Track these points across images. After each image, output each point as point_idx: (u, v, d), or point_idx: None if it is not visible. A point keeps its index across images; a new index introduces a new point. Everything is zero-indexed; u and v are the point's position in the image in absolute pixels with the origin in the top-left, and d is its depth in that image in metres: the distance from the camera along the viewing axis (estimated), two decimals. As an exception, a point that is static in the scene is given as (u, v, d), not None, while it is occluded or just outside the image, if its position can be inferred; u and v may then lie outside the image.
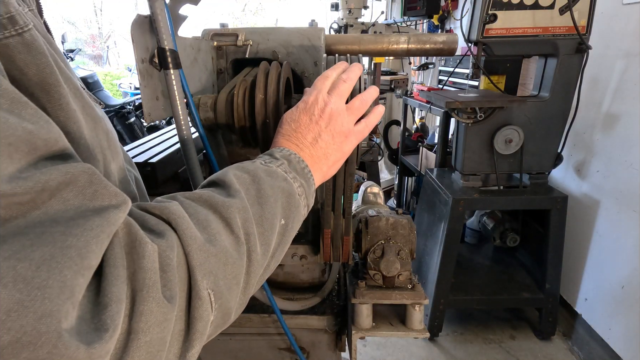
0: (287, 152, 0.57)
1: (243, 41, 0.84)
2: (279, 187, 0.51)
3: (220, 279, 0.40)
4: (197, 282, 0.37)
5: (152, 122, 0.65)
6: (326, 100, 0.61)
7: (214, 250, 0.40)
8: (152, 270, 0.34)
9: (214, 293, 0.39)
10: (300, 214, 0.55)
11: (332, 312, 1.01)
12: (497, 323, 2.49)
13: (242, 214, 0.44)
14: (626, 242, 2.01)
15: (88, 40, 17.14)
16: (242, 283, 0.44)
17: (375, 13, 4.07)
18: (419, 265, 2.47)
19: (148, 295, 0.33)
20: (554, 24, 1.88)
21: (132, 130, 5.40)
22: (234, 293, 0.43)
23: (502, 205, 2.29)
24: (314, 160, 0.59)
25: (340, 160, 0.64)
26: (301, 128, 0.59)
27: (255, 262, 0.45)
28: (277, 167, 0.53)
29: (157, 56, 0.61)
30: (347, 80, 0.63)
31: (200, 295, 0.37)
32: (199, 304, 0.37)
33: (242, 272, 0.44)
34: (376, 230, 0.92)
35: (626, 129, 2.01)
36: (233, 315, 0.45)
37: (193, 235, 0.39)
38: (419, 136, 3.45)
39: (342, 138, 0.61)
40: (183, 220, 0.39)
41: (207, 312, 0.38)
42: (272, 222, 0.48)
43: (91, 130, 0.43)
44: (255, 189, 0.49)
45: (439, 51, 0.96)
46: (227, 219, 0.43)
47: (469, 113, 2.03)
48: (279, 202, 0.50)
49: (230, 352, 1.03)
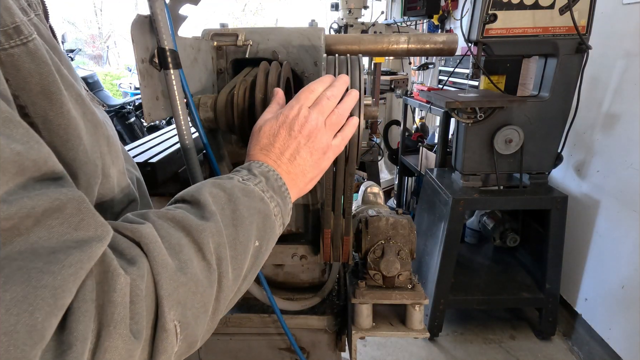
0: (265, 168, 0.55)
1: (243, 41, 0.84)
2: (255, 208, 0.50)
3: (188, 309, 0.39)
4: (164, 314, 0.36)
5: (152, 122, 0.65)
6: (307, 115, 0.59)
7: (184, 280, 0.39)
8: (122, 305, 0.33)
9: (181, 324, 0.38)
10: (275, 234, 0.54)
11: (332, 312, 1.01)
12: (497, 323, 2.49)
13: (216, 239, 0.43)
14: (626, 242, 2.01)
15: (88, 40, 17.14)
16: (211, 310, 0.43)
17: (375, 13, 4.07)
18: (419, 265, 2.47)
19: (115, 332, 0.32)
20: (554, 24, 1.88)
21: (132, 130, 5.40)
22: (202, 322, 0.42)
23: (502, 205, 2.29)
24: (291, 177, 0.58)
25: (317, 177, 0.62)
26: (279, 142, 0.58)
27: (226, 288, 0.44)
28: (255, 185, 0.52)
29: (157, 56, 0.61)
30: (330, 98, 0.62)
31: (166, 327, 0.37)
32: (164, 336, 0.37)
33: (212, 300, 0.43)
34: (376, 230, 0.92)
35: (626, 129, 2.01)
36: (199, 343, 0.44)
37: (164, 263, 0.38)
38: (419, 136, 3.45)
39: (320, 155, 0.60)
40: (155, 246, 0.38)
41: (172, 344, 0.37)
42: (246, 245, 0.47)
43: (91, 136, 0.43)
44: (231, 209, 0.47)
45: (439, 51, 0.96)
46: (200, 244, 0.42)
47: (469, 113, 2.03)
48: (254, 224, 0.49)
49: (230, 352, 1.03)
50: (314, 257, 0.94)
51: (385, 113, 4.08)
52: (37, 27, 0.40)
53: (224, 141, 0.89)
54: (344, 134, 0.64)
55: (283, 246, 0.94)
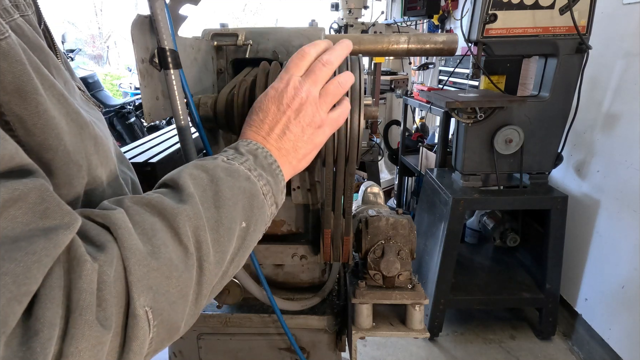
0: (253, 145, 0.53)
1: (243, 41, 0.84)
2: (240, 188, 0.48)
3: (162, 294, 0.39)
4: (134, 300, 0.36)
5: (152, 122, 0.65)
6: (297, 87, 0.55)
7: (156, 264, 0.38)
8: (88, 291, 0.33)
9: (153, 310, 0.38)
10: (266, 214, 0.52)
11: (332, 312, 1.01)
12: (497, 323, 2.49)
13: (194, 222, 0.42)
14: (626, 242, 2.01)
15: (88, 40, 17.15)
16: (192, 295, 0.43)
17: (375, 13, 4.08)
18: (419, 265, 2.47)
19: (81, 318, 0.32)
20: (554, 24, 1.88)
21: (132, 130, 5.40)
22: (180, 307, 0.41)
23: (502, 205, 2.29)
24: (282, 154, 0.55)
25: (312, 153, 0.59)
26: (268, 118, 0.55)
27: (208, 272, 0.43)
28: (241, 164, 0.50)
29: (157, 56, 0.61)
30: (326, 64, 0.57)
31: (136, 313, 0.36)
32: (134, 322, 0.36)
33: (191, 284, 0.42)
34: (376, 230, 0.92)
35: (626, 128, 2.01)
36: (183, 328, 0.44)
37: (134, 248, 0.37)
38: (419, 136, 3.46)
39: (314, 129, 0.57)
40: (125, 231, 0.38)
41: (144, 330, 0.37)
42: (229, 226, 0.46)
43: (75, 136, 0.43)
44: (213, 190, 0.46)
45: (439, 51, 0.96)
46: (176, 228, 0.41)
47: (469, 113, 2.03)
48: (239, 204, 0.47)
49: (230, 352, 1.03)
50: (314, 257, 0.94)
51: (385, 113, 4.08)
52: (20, 27, 0.40)
53: (224, 141, 0.89)
54: (344, 108, 0.60)
55: (283, 246, 0.94)
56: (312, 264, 0.99)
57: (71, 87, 0.50)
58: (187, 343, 1.02)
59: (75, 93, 0.51)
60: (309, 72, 0.57)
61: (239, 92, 0.73)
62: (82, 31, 17.49)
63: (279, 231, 0.97)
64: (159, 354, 0.48)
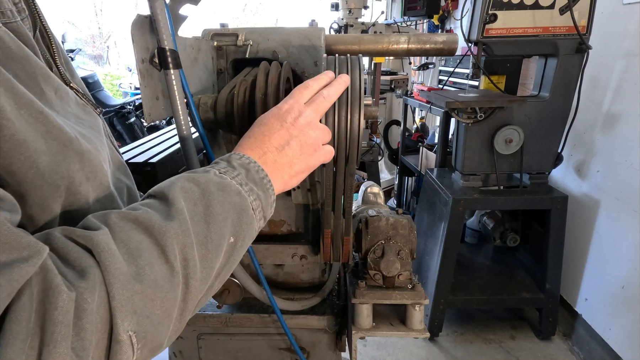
0: (246, 160, 0.53)
1: (243, 41, 0.84)
2: (231, 204, 0.48)
3: (146, 317, 0.38)
4: (117, 325, 0.36)
5: (152, 122, 0.65)
6: (301, 110, 0.58)
7: (140, 288, 0.37)
8: (63, 323, 0.32)
9: (137, 334, 0.37)
10: (254, 229, 0.52)
11: (332, 312, 1.01)
12: (497, 323, 2.49)
13: (181, 239, 0.42)
14: (626, 242, 2.01)
15: (88, 40, 17.15)
16: (177, 312, 0.42)
17: (375, 13, 4.07)
18: (419, 265, 2.47)
19: (55, 351, 0.31)
20: (554, 24, 1.88)
21: (132, 130, 5.40)
22: (164, 327, 0.41)
23: (502, 205, 2.29)
24: (276, 167, 0.56)
25: (304, 173, 0.61)
26: (270, 132, 0.57)
27: (194, 289, 0.43)
28: (232, 178, 0.50)
29: (157, 56, 0.61)
30: (327, 98, 0.61)
31: (119, 339, 0.36)
32: (117, 348, 0.36)
33: (176, 303, 0.41)
34: (376, 230, 0.92)
35: (626, 129, 2.01)
36: (165, 345, 0.43)
37: (117, 272, 0.36)
38: (419, 136, 3.46)
39: (311, 151, 0.59)
40: (108, 254, 0.37)
41: (127, 355, 0.37)
42: (218, 242, 0.46)
43: (54, 155, 0.41)
44: (204, 205, 0.45)
45: (439, 51, 0.96)
46: (163, 246, 0.40)
47: (469, 113, 2.03)
48: (229, 219, 0.47)
49: (230, 352, 1.03)
50: (314, 257, 0.94)
51: (385, 113, 4.08)
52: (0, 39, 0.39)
53: (224, 141, 0.89)
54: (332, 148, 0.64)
55: (283, 246, 0.94)
56: (312, 264, 0.99)
57: (63, 94, 0.49)
58: (187, 343, 1.02)
59: (70, 99, 0.50)
60: (312, 102, 0.61)
61: (239, 92, 0.73)
62: (82, 31, 17.50)
63: (279, 231, 0.97)
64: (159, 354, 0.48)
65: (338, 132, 0.67)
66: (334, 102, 0.64)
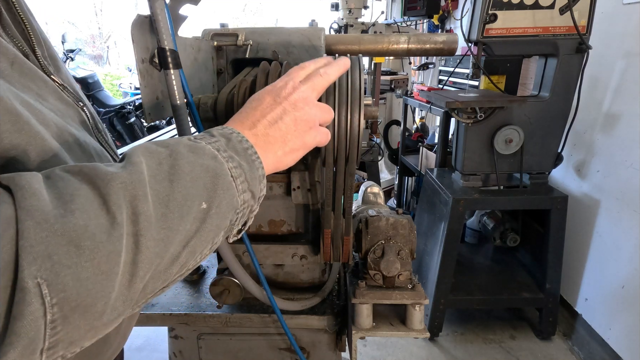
0: (228, 130, 0.50)
1: (243, 41, 0.84)
2: (202, 165, 0.44)
3: (66, 266, 0.32)
4: (22, 268, 0.31)
5: (152, 122, 0.65)
6: (296, 86, 0.56)
7: (60, 229, 0.32)
8: None
9: (49, 284, 0.32)
10: (235, 198, 0.47)
11: (332, 312, 1.01)
12: (497, 323, 2.49)
13: (130, 190, 0.37)
14: (626, 242, 2.01)
15: (88, 40, 17.15)
16: (124, 275, 0.37)
17: (375, 13, 4.08)
18: (419, 265, 2.47)
19: None
20: (554, 23, 1.88)
21: (132, 130, 5.40)
22: (99, 286, 0.35)
23: (502, 205, 2.29)
24: (268, 141, 0.53)
25: (300, 150, 0.57)
26: (262, 106, 0.54)
27: (146, 249, 0.38)
28: (208, 143, 0.47)
29: (157, 56, 0.61)
30: (323, 75, 0.59)
31: (23, 285, 0.31)
32: (20, 297, 0.31)
33: (118, 260, 0.36)
34: (376, 230, 0.92)
35: (626, 128, 2.01)
36: (108, 314, 0.37)
37: (32, 209, 0.32)
38: (419, 136, 3.46)
39: (306, 127, 0.56)
40: (26, 192, 0.33)
41: (33, 307, 0.31)
42: (183, 203, 0.41)
43: None
44: (169, 164, 0.42)
45: (439, 51, 0.96)
46: (105, 195, 0.36)
47: (469, 113, 2.03)
48: (199, 181, 0.43)
49: (230, 352, 1.03)
50: (314, 257, 0.94)
51: (385, 113, 4.08)
52: None
53: (224, 141, 0.89)
54: (327, 131, 0.62)
55: (283, 246, 0.94)
56: (312, 264, 0.99)
57: (27, 70, 0.48)
58: (187, 343, 1.02)
59: (39, 80, 0.50)
60: (307, 79, 0.58)
61: (239, 92, 0.73)
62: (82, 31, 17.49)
63: (279, 231, 0.97)
64: (158, 354, 0.45)
65: (338, 132, 0.67)
66: (332, 82, 0.62)
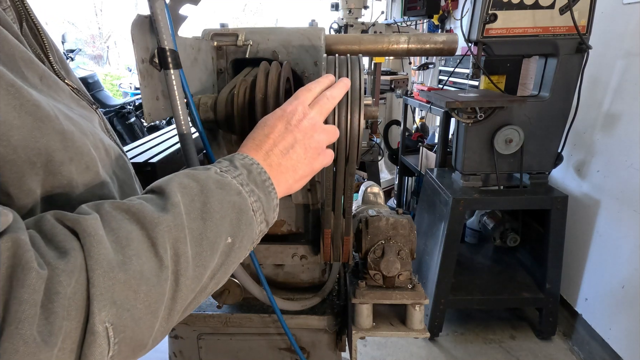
0: (249, 160, 0.52)
1: (243, 41, 0.84)
2: (230, 202, 0.47)
3: (126, 310, 0.36)
4: (94, 315, 0.34)
5: (152, 122, 0.65)
6: (306, 111, 0.58)
7: (123, 277, 0.36)
8: (29, 302, 0.30)
9: (114, 327, 0.35)
10: (254, 231, 0.50)
11: (333, 312, 1.01)
12: (497, 323, 2.49)
13: (174, 233, 0.41)
14: (626, 242, 2.01)
15: (88, 40, 17.15)
16: (164, 311, 0.40)
17: (375, 13, 4.07)
18: (419, 265, 2.47)
19: (16, 332, 0.29)
20: (554, 23, 1.88)
21: (132, 130, 5.40)
22: (147, 323, 0.39)
23: (502, 205, 2.29)
24: (281, 171, 0.55)
25: (308, 177, 0.60)
26: (274, 134, 0.56)
27: (184, 287, 0.41)
28: (233, 177, 0.49)
29: (157, 56, 0.61)
30: (330, 98, 0.61)
31: (94, 329, 0.34)
32: (92, 339, 0.34)
33: (163, 300, 0.40)
34: (376, 230, 0.92)
35: (626, 128, 2.01)
36: (150, 345, 0.41)
37: (101, 259, 0.35)
38: (419, 136, 3.46)
39: (315, 154, 0.58)
40: (93, 239, 0.35)
41: (102, 348, 0.35)
42: (213, 240, 0.44)
43: (29, 131, 0.40)
44: (201, 202, 0.44)
45: (439, 51, 0.96)
46: (153, 239, 0.39)
47: (469, 113, 2.03)
48: (226, 218, 0.46)
49: (230, 352, 1.03)
50: (314, 257, 0.94)
51: (385, 113, 4.08)
52: None
53: (224, 141, 0.89)
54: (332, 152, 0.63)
55: (283, 246, 0.94)
56: (312, 264, 0.99)
57: (52, 83, 0.48)
58: (187, 343, 1.02)
59: (62, 91, 0.50)
60: (316, 103, 0.60)
61: (239, 92, 0.73)
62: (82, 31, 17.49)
63: (279, 231, 0.97)
64: (158, 354, 0.47)
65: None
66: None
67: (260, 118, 0.71)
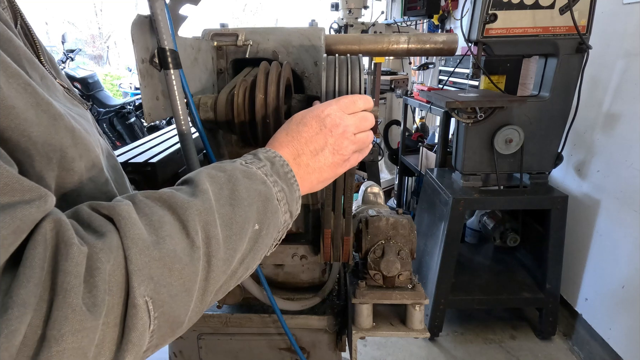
0: (272, 153, 0.55)
1: (243, 41, 0.85)
2: (256, 190, 0.49)
3: (163, 285, 0.38)
4: (134, 289, 0.36)
5: (152, 122, 0.65)
6: (342, 118, 0.59)
7: (158, 254, 0.38)
8: (73, 274, 0.32)
9: (153, 301, 0.37)
10: (279, 220, 0.52)
11: (333, 312, 1.01)
12: (497, 323, 2.49)
13: (204, 216, 0.43)
14: (626, 242, 2.01)
15: (88, 40, 17.15)
16: (198, 290, 0.42)
17: (375, 13, 4.08)
18: (419, 265, 2.47)
19: (64, 301, 0.31)
20: (554, 23, 1.88)
21: (132, 130, 5.40)
22: (182, 300, 0.41)
23: (502, 205, 2.29)
24: (308, 171, 0.57)
25: (330, 180, 0.62)
26: (308, 133, 0.57)
27: (216, 268, 0.43)
28: (258, 168, 0.51)
29: (157, 56, 0.61)
30: (368, 119, 0.62)
31: (135, 302, 0.36)
32: (134, 312, 0.36)
33: (196, 279, 0.41)
34: (376, 230, 0.92)
35: (626, 128, 2.01)
36: (186, 324, 0.43)
37: (136, 238, 0.37)
38: (419, 136, 3.45)
39: (341, 160, 0.60)
40: (127, 221, 0.38)
41: (143, 321, 0.37)
42: (242, 225, 0.46)
43: (46, 128, 0.41)
44: (230, 189, 0.47)
45: (439, 51, 0.96)
46: (184, 221, 0.41)
47: (469, 113, 2.03)
48: (254, 205, 0.48)
49: (230, 352, 1.03)
50: (314, 257, 0.94)
51: (385, 113, 4.08)
52: None
53: (224, 141, 0.89)
54: (361, 155, 0.65)
55: (283, 246, 0.94)
56: (312, 264, 0.99)
57: (50, 83, 0.49)
58: (187, 343, 1.02)
59: (57, 90, 0.50)
60: (354, 115, 0.61)
61: (239, 92, 0.74)
62: (82, 31, 17.50)
63: (279, 231, 0.97)
64: (158, 354, 0.47)
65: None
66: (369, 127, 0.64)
67: (260, 118, 0.71)
